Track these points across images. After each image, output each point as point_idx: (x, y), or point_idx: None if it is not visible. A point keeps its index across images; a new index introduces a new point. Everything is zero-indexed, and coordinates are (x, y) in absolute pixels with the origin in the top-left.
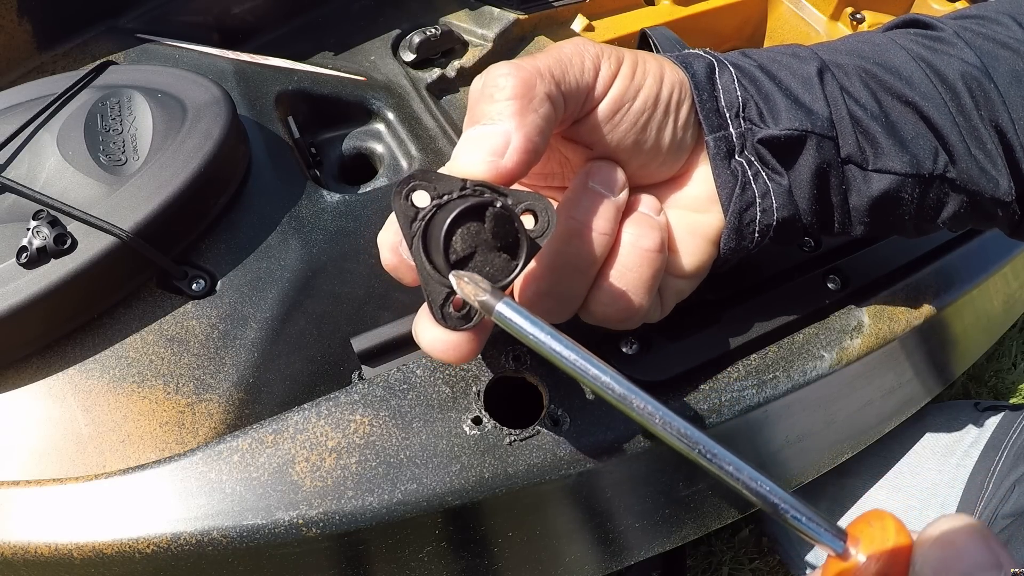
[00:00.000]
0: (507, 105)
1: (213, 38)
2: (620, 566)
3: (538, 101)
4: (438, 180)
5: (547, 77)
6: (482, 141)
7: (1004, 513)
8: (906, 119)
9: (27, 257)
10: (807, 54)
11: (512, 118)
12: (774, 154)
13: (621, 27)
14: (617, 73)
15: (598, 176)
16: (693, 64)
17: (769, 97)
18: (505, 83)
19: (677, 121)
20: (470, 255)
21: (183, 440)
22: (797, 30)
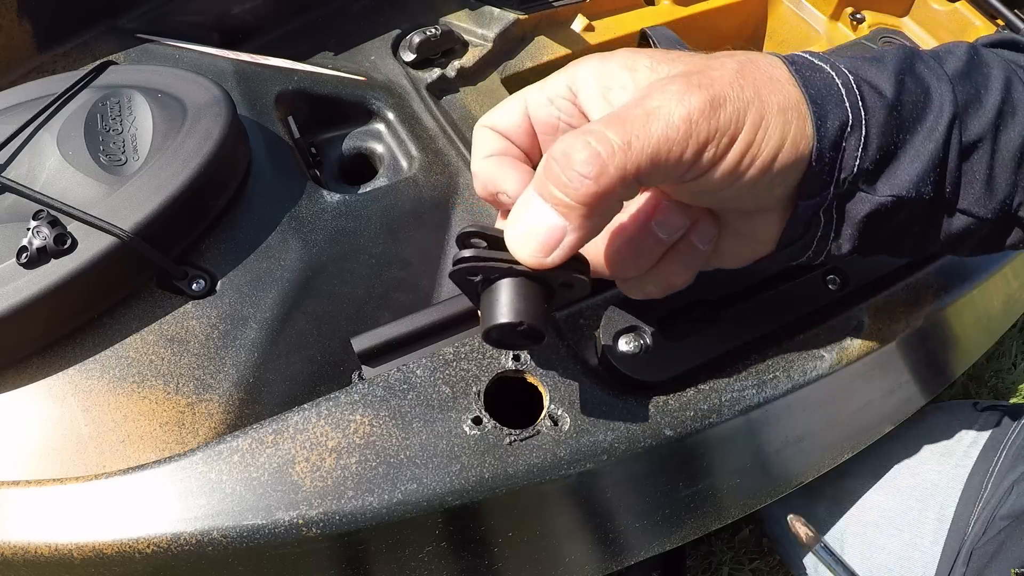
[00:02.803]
0: (572, 208)
1: (213, 38)
2: (620, 566)
3: (610, 208)
4: (487, 266)
5: (630, 181)
6: (536, 232)
7: (1002, 514)
8: (1008, 164)
9: (27, 257)
10: (944, 94)
11: (574, 220)
12: (866, 221)
13: (621, 27)
14: (720, 162)
15: (662, 217)
16: (827, 121)
17: (889, 157)
18: (580, 185)
19: (768, 194)
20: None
21: (183, 440)
22: (797, 30)
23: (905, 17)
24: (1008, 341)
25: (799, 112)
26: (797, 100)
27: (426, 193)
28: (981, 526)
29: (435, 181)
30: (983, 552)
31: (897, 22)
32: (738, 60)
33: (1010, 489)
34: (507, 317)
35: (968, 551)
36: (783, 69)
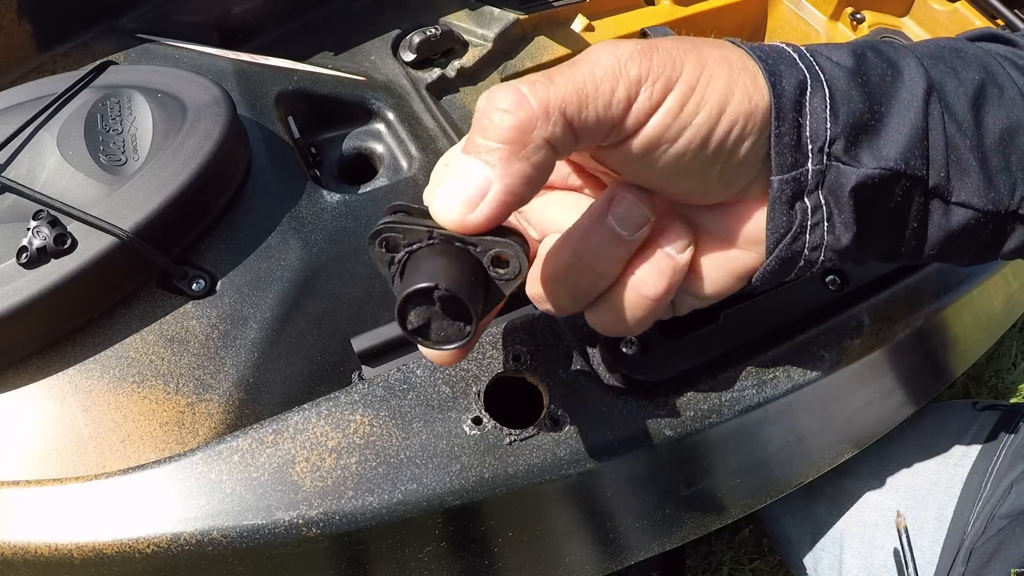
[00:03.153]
0: (494, 149)
1: (213, 38)
2: (620, 566)
3: (532, 148)
4: (408, 229)
5: (555, 115)
6: (458, 188)
7: (1001, 514)
8: (998, 148)
9: (27, 257)
10: (913, 68)
11: (496, 165)
12: (855, 198)
13: (621, 27)
14: (659, 105)
15: (620, 209)
16: (783, 79)
17: (866, 129)
18: (500, 120)
19: (731, 161)
20: (426, 324)
21: (183, 440)
22: (797, 30)
23: (905, 17)
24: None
25: (745, 66)
26: (741, 56)
27: None
28: (980, 526)
29: None
30: (982, 552)
31: (897, 22)
32: (692, 39)
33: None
34: (420, 282)
35: (967, 551)
36: (726, 43)
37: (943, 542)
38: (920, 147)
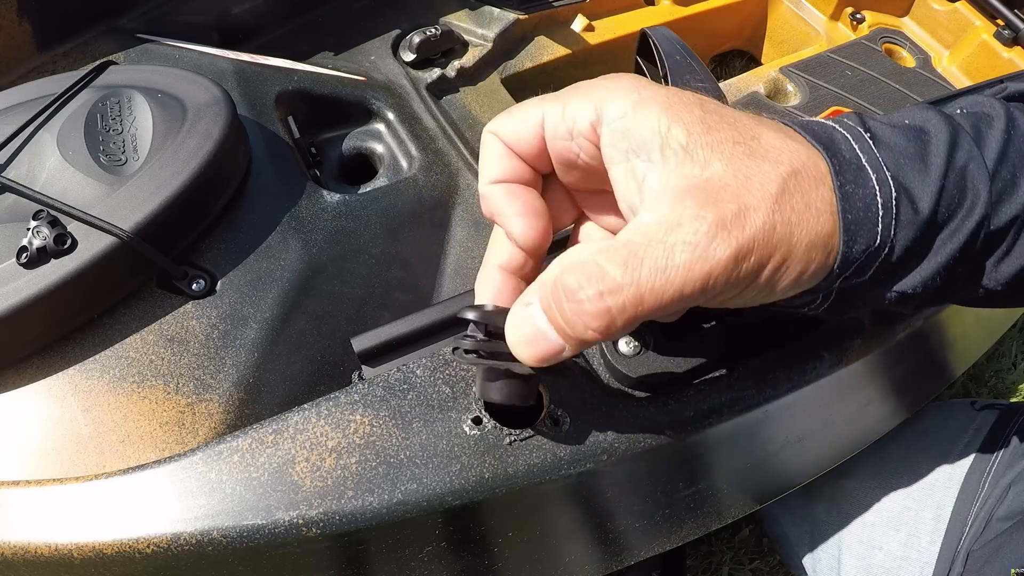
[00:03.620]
0: (575, 341)
1: (213, 38)
2: (620, 566)
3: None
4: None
5: (633, 320)
6: (534, 344)
7: (1000, 516)
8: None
9: (27, 257)
10: (980, 196)
11: (574, 347)
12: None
13: (621, 27)
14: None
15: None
16: (854, 247)
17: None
18: (585, 331)
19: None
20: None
21: (183, 440)
22: (797, 30)
23: (905, 17)
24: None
25: (827, 248)
26: (830, 234)
27: (426, 193)
28: (979, 527)
29: (435, 181)
30: (979, 555)
31: (897, 22)
32: (782, 174)
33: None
34: (502, 400)
35: (965, 552)
36: (827, 187)
37: (941, 542)
38: (945, 271)
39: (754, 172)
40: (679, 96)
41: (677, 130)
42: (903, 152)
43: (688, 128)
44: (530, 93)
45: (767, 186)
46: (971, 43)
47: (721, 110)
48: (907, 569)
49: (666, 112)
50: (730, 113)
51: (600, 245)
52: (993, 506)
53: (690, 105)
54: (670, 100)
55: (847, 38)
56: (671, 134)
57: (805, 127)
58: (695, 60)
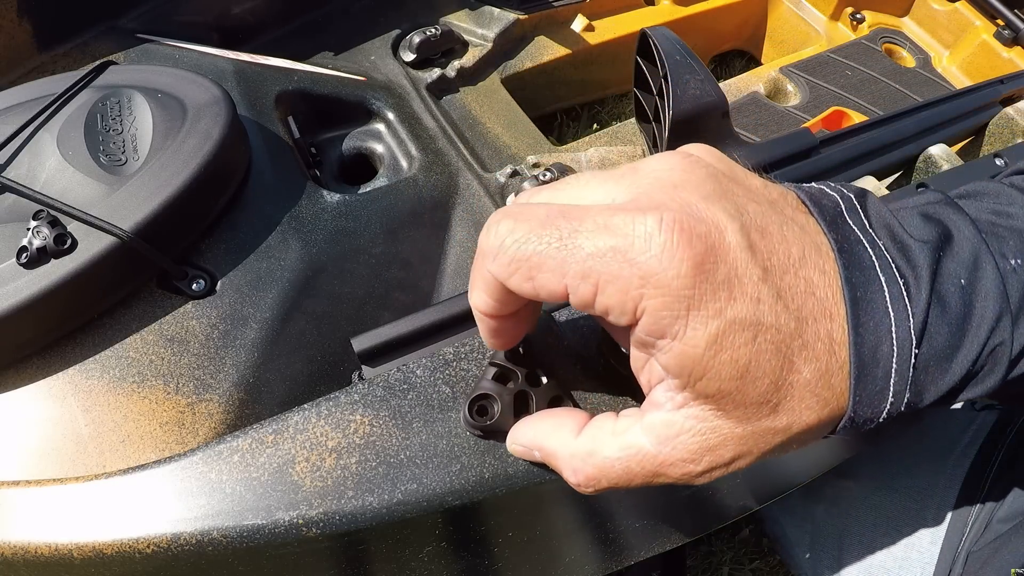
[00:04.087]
0: None
1: (213, 38)
2: (620, 566)
3: None
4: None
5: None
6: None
7: (999, 517)
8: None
9: (27, 257)
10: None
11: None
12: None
13: (621, 27)
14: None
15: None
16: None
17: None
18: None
19: None
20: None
21: (183, 440)
22: (797, 30)
23: (905, 17)
24: None
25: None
26: (840, 395)
27: (426, 193)
28: (979, 528)
29: (435, 181)
30: (980, 556)
31: (897, 22)
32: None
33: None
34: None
35: (966, 553)
36: (840, 328)
37: (941, 543)
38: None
39: (764, 430)
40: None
41: (711, 384)
42: (937, 353)
43: (721, 386)
44: (530, 93)
45: (769, 443)
46: (971, 43)
47: (778, 345)
48: (907, 570)
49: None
50: (784, 348)
51: (599, 447)
52: (993, 507)
53: (739, 347)
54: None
55: (847, 38)
56: (702, 385)
57: (864, 355)
58: (695, 60)
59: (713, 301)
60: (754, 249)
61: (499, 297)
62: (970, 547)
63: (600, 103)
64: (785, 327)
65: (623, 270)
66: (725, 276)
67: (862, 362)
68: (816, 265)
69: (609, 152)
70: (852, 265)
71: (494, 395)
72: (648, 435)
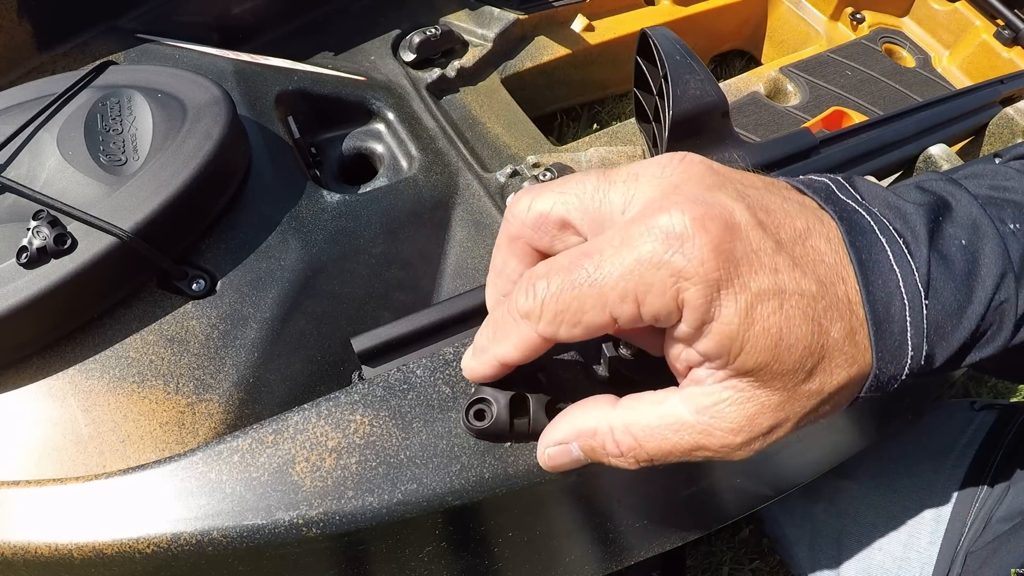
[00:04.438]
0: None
1: (213, 38)
2: (620, 566)
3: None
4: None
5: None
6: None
7: (999, 517)
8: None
9: (27, 257)
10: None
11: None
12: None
13: (621, 27)
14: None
15: None
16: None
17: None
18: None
19: None
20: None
21: (183, 440)
22: (797, 30)
23: (905, 17)
24: None
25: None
26: (864, 352)
27: (426, 193)
28: (978, 527)
29: (435, 181)
30: (979, 555)
31: (897, 22)
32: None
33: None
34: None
35: (964, 553)
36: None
37: (940, 543)
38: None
39: (801, 394)
40: (767, 297)
41: (749, 357)
42: (946, 308)
43: (759, 358)
44: (530, 93)
45: (806, 407)
46: (971, 43)
47: (805, 308)
48: (906, 570)
49: (744, 331)
50: (811, 311)
51: (639, 416)
52: (992, 507)
53: (769, 315)
54: (753, 309)
55: (847, 38)
56: (741, 359)
57: (878, 311)
58: (695, 60)
59: (737, 277)
60: (763, 225)
61: (534, 352)
62: (969, 547)
63: (600, 103)
64: (808, 291)
65: (655, 276)
66: (743, 252)
67: (878, 318)
68: (821, 234)
69: (609, 152)
70: (854, 231)
71: (491, 399)
72: (687, 404)
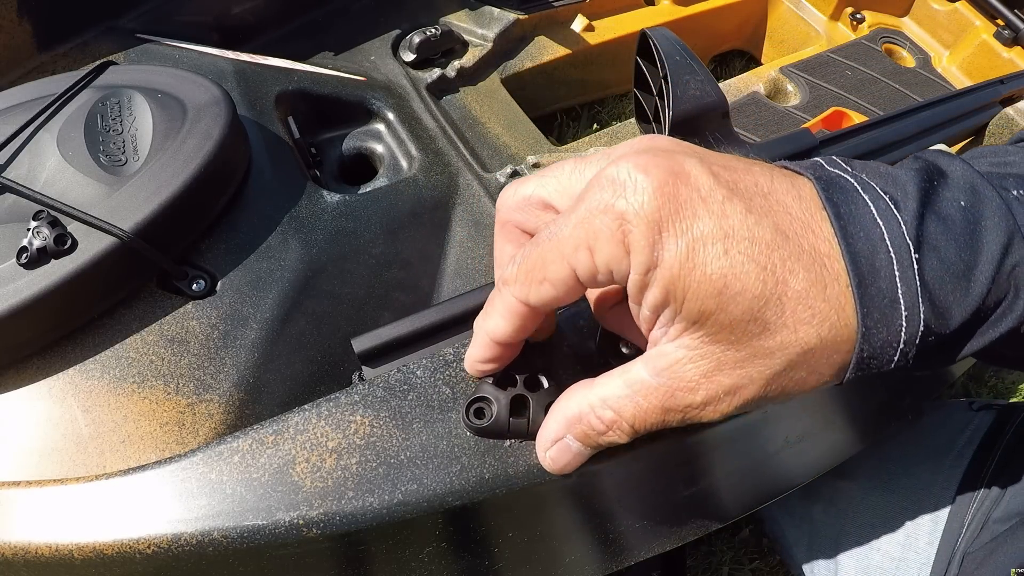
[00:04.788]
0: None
1: (213, 38)
2: (620, 566)
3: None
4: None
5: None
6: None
7: (996, 517)
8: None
9: (27, 257)
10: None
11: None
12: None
13: (621, 27)
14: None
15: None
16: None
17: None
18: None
19: None
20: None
21: (183, 440)
22: (797, 30)
23: (905, 17)
24: None
25: (837, 374)
26: (842, 368)
27: (426, 193)
28: (975, 528)
29: (435, 181)
30: (976, 556)
31: (897, 22)
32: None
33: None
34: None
35: (962, 553)
36: (845, 353)
37: (938, 543)
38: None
39: (759, 352)
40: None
41: (693, 305)
42: (950, 267)
43: (702, 305)
44: (530, 93)
45: (769, 366)
46: (971, 43)
47: (756, 256)
48: (904, 570)
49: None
50: (764, 258)
51: (612, 388)
52: (990, 507)
53: (713, 260)
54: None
55: (847, 38)
56: (686, 308)
57: (860, 263)
58: (695, 60)
59: (680, 220)
60: (716, 176)
61: (519, 322)
62: (967, 547)
63: (600, 103)
64: (760, 238)
65: (602, 222)
66: (687, 197)
67: (860, 270)
68: (788, 191)
69: None
70: (832, 188)
71: (491, 398)
72: (647, 367)
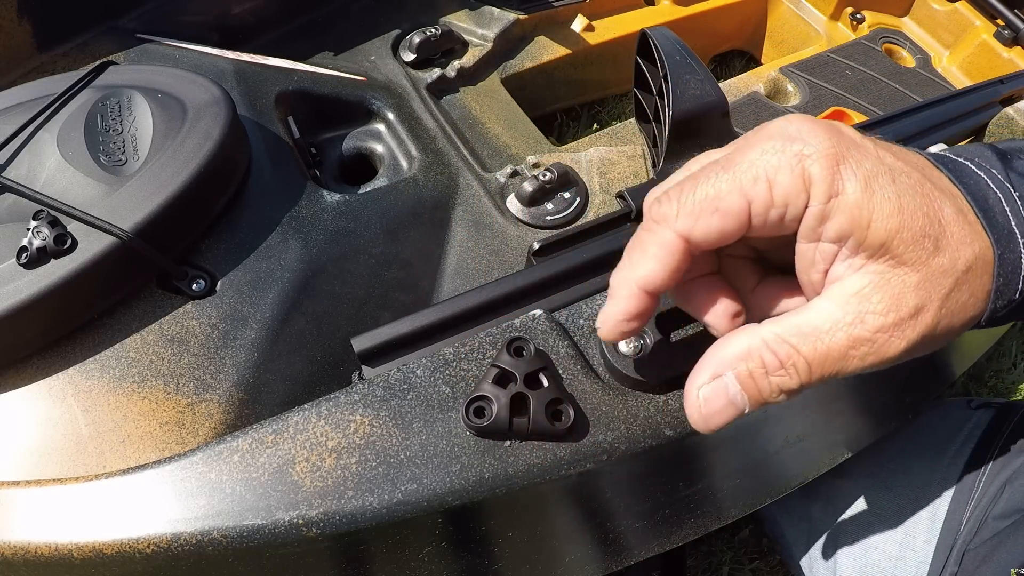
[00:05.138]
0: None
1: (213, 38)
2: (620, 566)
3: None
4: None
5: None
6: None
7: (995, 514)
8: None
9: (27, 257)
10: None
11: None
12: None
13: (621, 27)
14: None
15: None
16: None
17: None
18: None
19: None
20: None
21: (183, 440)
22: (797, 30)
23: (905, 17)
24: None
25: (974, 320)
26: (979, 313)
27: (426, 193)
28: (974, 525)
29: (435, 181)
30: (975, 554)
31: (897, 22)
32: (959, 272)
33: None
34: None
35: (960, 551)
36: (989, 277)
37: (937, 541)
38: None
39: (935, 271)
40: (878, 173)
41: (878, 226)
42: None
43: (887, 225)
44: (530, 93)
45: (943, 285)
46: (971, 43)
47: (913, 185)
48: (903, 568)
49: (868, 200)
50: (920, 188)
51: (788, 325)
52: (988, 505)
53: (885, 187)
54: (871, 181)
55: (847, 38)
56: (872, 231)
57: (978, 200)
58: (695, 60)
59: (852, 157)
60: (864, 138)
61: (675, 261)
62: (965, 545)
63: (600, 103)
64: (913, 174)
65: (781, 158)
66: (850, 142)
67: (980, 205)
68: (911, 152)
69: (609, 152)
70: (936, 157)
71: (491, 397)
72: (833, 301)
